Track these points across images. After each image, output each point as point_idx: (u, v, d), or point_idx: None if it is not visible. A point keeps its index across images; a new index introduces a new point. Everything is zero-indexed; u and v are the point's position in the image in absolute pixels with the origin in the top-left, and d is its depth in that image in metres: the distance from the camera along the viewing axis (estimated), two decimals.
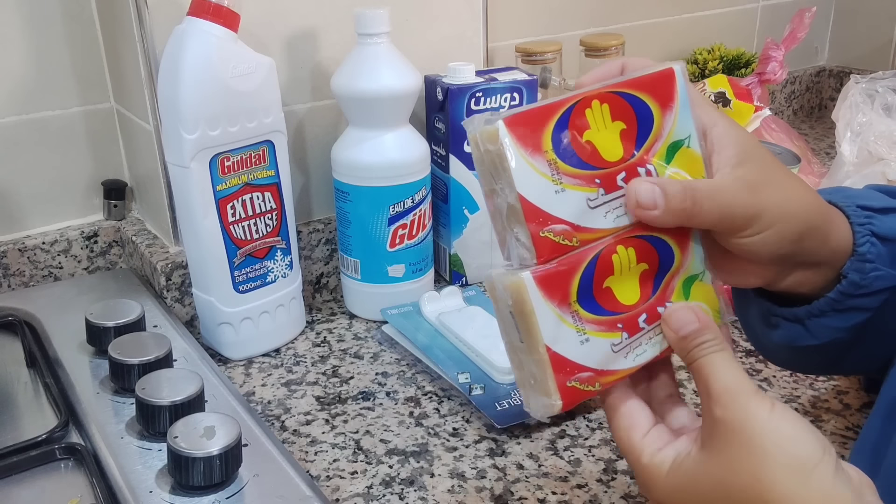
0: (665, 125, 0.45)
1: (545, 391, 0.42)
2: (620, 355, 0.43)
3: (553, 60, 0.97)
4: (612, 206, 0.43)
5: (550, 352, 0.41)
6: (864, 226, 0.49)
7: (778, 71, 1.04)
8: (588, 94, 0.43)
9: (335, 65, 0.78)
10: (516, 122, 0.41)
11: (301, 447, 0.64)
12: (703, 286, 0.46)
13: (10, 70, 0.80)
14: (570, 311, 0.42)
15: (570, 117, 0.42)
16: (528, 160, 0.41)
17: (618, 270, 0.43)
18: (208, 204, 0.70)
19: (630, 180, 0.43)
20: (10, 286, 0.83)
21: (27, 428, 0.63)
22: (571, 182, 0.42)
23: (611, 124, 0.43)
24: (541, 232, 0.41)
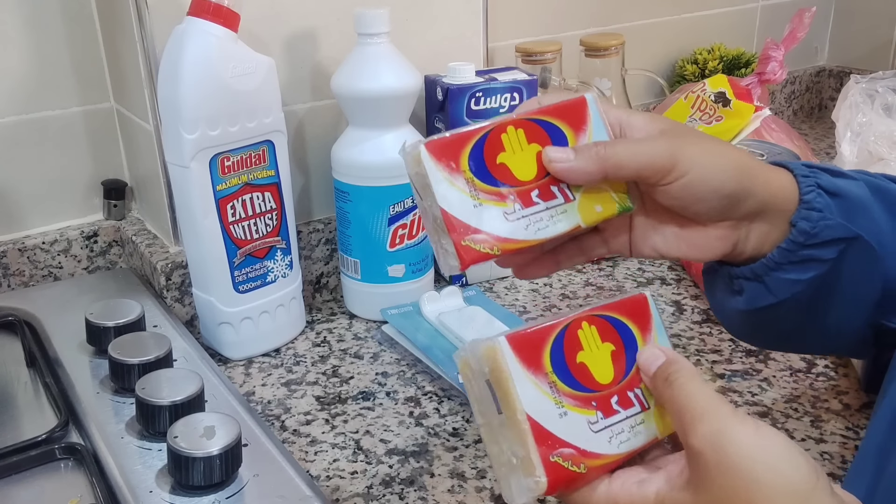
0: (579, 144, 0.48)
1: (528, 468, 0.40)
2: (602, 438, 0.42)
3: (553, 60, 0.97)
4: (531, 220, 0.47)
5: (532, 421, 0.41)
6: (808, 177, 0.51)
7: (778, 71, 1.04)
8: (504, 121, 0.47)
9: (335, 65, 0.78)
10: (436, 146, 0.45)
11: (301, 447, 0.64)
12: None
13: (10, 70, 0.80)
14: (546, 381, 0.42)
15: (485, 141, 0.47)
16: (448, 178, 0.45)
17: (586, 346, 0.44)
18: (208, 204, 0.70)
19: (544, 198, 0.47)
20: (10, 286, 0.83)
21: (27, 428, 0.63)
22: (488, 197, 0.46)
23: (527, 147, 0.48)
24: (462, 241, 0.45)
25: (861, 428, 0.65)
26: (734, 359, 0.74)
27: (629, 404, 0.44)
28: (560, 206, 0.47)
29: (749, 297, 0.52)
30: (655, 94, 1.25)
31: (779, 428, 0.64)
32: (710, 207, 0.48)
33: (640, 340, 0.46)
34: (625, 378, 0.44)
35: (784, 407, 0.67)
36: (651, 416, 0.44)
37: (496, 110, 0.82)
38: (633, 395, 0.44)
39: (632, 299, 0.47)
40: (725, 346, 0.76)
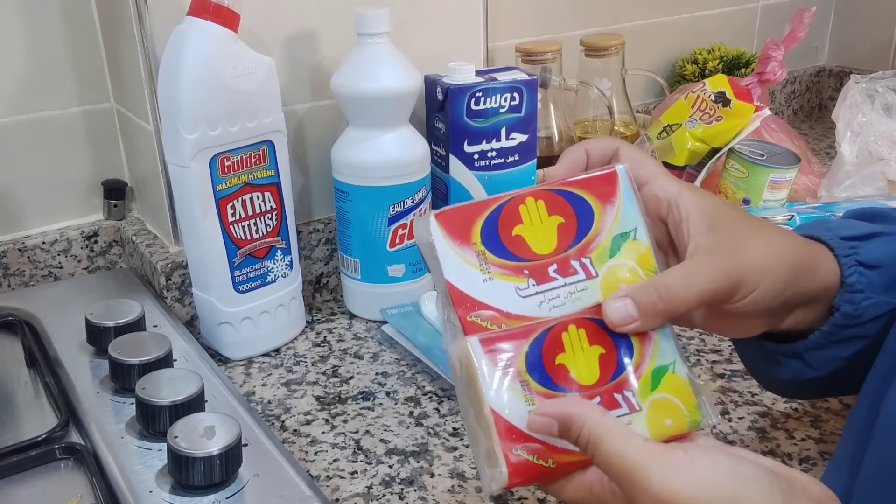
0: (606, 219, 0.46)
1: (493, 459, 0.41)
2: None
3: (553, 60, 0.97)
4: (547, 297, 0.44)
5: (496, 415, 0.41)
6: (849, 256, 0.49)
7: (778, 71, 1.04)
8: (523, 193, 0.45)
9: (335, 65, 0.78)
10: (447, 216, 0.44)
11: (301, 447, 0.64)
12: (675, 378, 0.45)
13: (10, 70, 0.80)
14: (518, 381, 0.42)
15: (501, 212, 0.45)
16: (457, 250, 0.44)
17: (569, 348, 0.43)
18: (208, 204, 0.70)
19: (562, 273, 0.45)
20: (10, 286, 0.83)
21: (27, 428, 0.63)
22: (500, 272, 0.44)
23: (547, 219, 0.45)
24: (468, 316, 0.43)
25: None
26: (734, 359, 0.74)
27: (615, 405, 0.43)
28: (580, 283, 0.45)
29: (789, 370, 0.52)
30: (655, 94, 1.25)
31: (779, 428, 0.65)
32: (760, 313, 0.47)
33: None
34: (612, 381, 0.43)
35: (784, 407, 0.67)
36: (640, 418, 0.43)
37: (496, 110, 0.82)
38: (620, 397, 0.43)
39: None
40: (725, 346, 0.76)
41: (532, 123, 0.84)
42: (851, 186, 0.94)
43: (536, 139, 0.86)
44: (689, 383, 0.45)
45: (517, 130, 0.84)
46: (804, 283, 0.47)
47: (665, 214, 0.47)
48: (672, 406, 0.44)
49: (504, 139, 0.83)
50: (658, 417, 0.43)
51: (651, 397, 0.44)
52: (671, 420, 0.43)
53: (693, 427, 0.44)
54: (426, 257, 0.45)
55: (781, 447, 0.62)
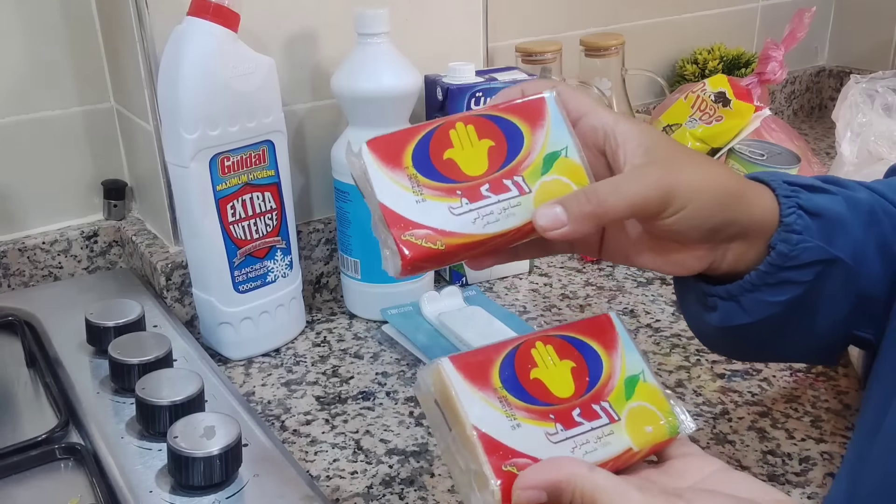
0: (537, 140, 0.47)
1: (483, 480, 0.39)
2: (564, 448, 0.41)
3: (553, 60, 0.97)
4: (481, 213, 0.45)
5: (479, 432, 0.40)
6: (789, 198, 0.49)
7: (778, 71, 1.04)
8: (452, 118, 0.46)
9: (335, 65, 0.78)
10: (379, 143, 0.45)
11: (301, 447, 0.64)
12: (647, 387, 0.45)
13: (10, 70, 0.80)
14: (496, 396, 0.41)
15: (431, 137, 0.46)
16: (388, 174, 0.44)
17: (541, 363, 0.43)
18: (208, 204, 0.70)
19: (495, 191, 0.45)
20: (10, 286, 0.83)
21: (27, 428, 0.63)
22: (432, 193, 0.44)
23: (477, 143, 0.46)
24: (402, 235, 0.43)
25: None
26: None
27: (594, 416, 0.43)
28: (514, 199, 0.45)
29: (723, 315, 0.52)
30: (655, 94, 1.25)
31: (779, 428, 0.65)
32: (694, 236, 0.47)
33: (605, 357, 0.45)
34: (587, 393, 0.43)
35: (784, 407, 0.67)
36: (621, 427, 0.43)
37: None
38: (598, 407, 0.43)
39: (593, 320, 0.46)
40: None
41: None
42: None
43: None
44: (660, 391, 0.45)
45: None
46: (735, 213, 0.47)
47: (602, 143, 0.47)
48: (649, 413, 0.44)
49: None
50: (638, 426, 0.43)
51: (628, 406, 0.44)
52: (651, 427, 0.44)
53: (672, 434, 0.44)
54: (360, 186, 0.45)
55: (781, 447, 0.62)
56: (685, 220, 0.45)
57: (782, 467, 0.60)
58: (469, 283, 0.89)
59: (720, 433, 0.64)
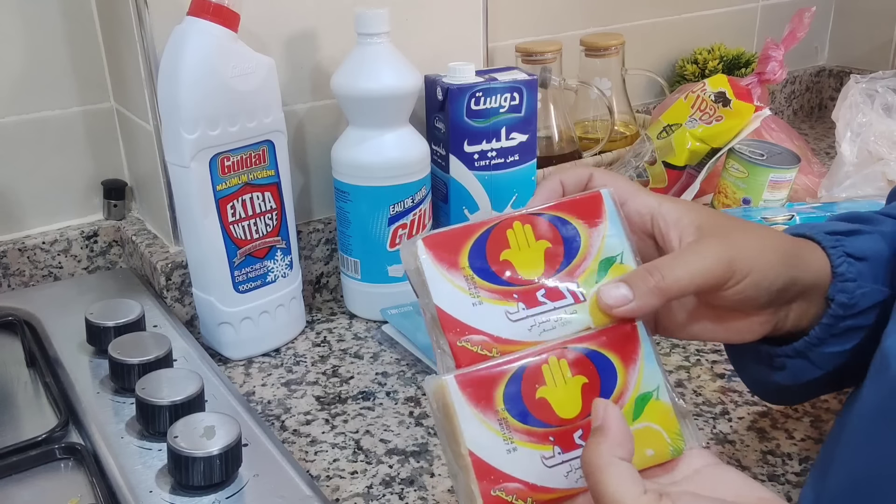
0: (593, 244, 0.46)
1: (471, 498, 0.40)
2: (558, 472, 0.41)
3: (553, 60, 0.97)
4: (537, 321, 0.44)
5: (473, 456, 0.40)
6: (836, 248, 0.50)
7: (778, 71, 1.04)
8: (510, 216, 0.45)
9: (335, 65, 0.78)
10: (435, 241, 0.44)
11: (301, 447, 0.64)
12: (658, 405, 0.44)
13: (9, 70, 0.80)
14: (496, 418, 0.41)
15: (489, 236, 0.45)
16: (445, 275, 0.44)
17: (550, 381, 0.42)
18: (208, 204, 0.70)
19: (551, 298, 0.44)
20: (10, 286, 0.83)
21: (27, 428, 0.63)
22: (489, 296, 0.44)
23: (534, 244, 0.45)
24: (458, 341, 0.43)
25: None
26: None
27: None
28: (569, 307, 0.44)
29: (793, 373, 0.52)
30: (655, 94, 1.25)
31: (779, 428, 0.65)
32: (759, 303, 0.47)
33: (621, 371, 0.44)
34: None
35: (784, 407, 0.67)
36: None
37: (496, 110, 0.82)
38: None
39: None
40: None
41: (532, 123, 0.84)
42: (851, 186, 0.94)
43: (536, 139, 0.86)
44: (673, 409, 0.44)
45: (517, 130, 0.84)
46: (797, 271, 0.47)
47: (650, 227, 0.48)
48: (654, 435, 0.44)
49: (504, 139, 0.83)
50: (640, 448, 0.42)
51: (633, 427, 0.43)
52: (653, 450, 0.43)
53: (675, 455, 0.44)
54: (414, 282, 0.45)
55: (781, 447, 0.62)
56: (750, 287, 0.45)
57: (782, 467, 0.60)
58: None
59: (720, 433, 0.64)
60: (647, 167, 0.94)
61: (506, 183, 0.85)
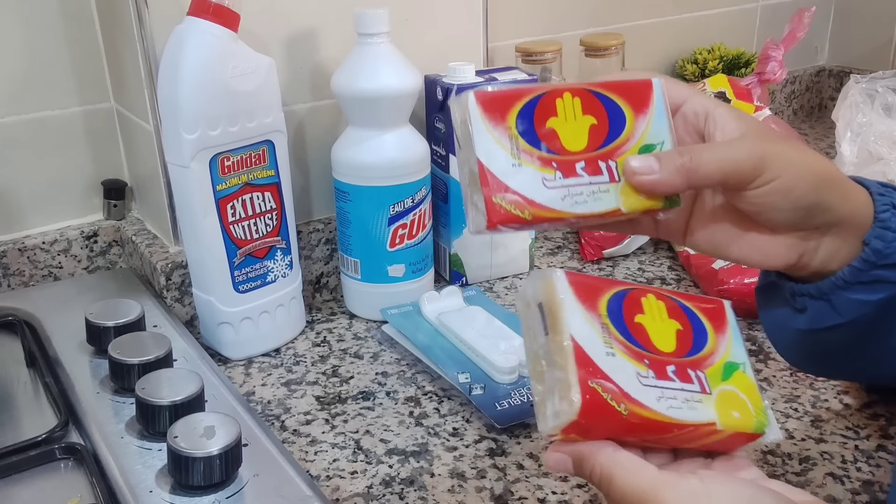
0: (637, 128, 0.47)
1: (566, 389, 0.39)
2: (651, 393, 0.41)
3: (553, 60, 0.97)
4: (571, 192, 0.45)
5: (575, 343, 0.40)
6: (884, 196, 0.49)
7: (778, 71, 1.05)
8: (562, 87, 0.46)
9: (335, 65, 0.78)
10: (486, 96, 0.44)
11: (301, 447, 0.64)
12: (745, 378, 0.44)
13: (9, 70, 0.80)
14: (599, 322, 0.41)
15: (538, 101, 0.45)
16: (491, 130, 0.44)
17: (648, 311, 0.43)
18: (208, 204, 0.70)
19: (589, 171, 0.45)
20: (10, 286, 0.83)
21: (27, 428, 0.63)
22: (528, 159, 0.44)
23: (581, 117, 0.46)
24: (493, 197, 0.43)
25: (861, 428, 0.65)
26: None
27: (687, 379, 0.42)
28: (603, 185, 0.45)
29: (812, 317, 0.50)
30: None
31: (779, 429, 0.64)
32: (786, 217, 0.46)
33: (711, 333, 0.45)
34: (687, 357, 0.43)
35: (784, 407, 0.67)
36: (711, 400, 0.42)
37: None
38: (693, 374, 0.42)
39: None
40: None
41: None
42: None
43: None
44: (757, 388, 0.45)
45: None
46: (832, 197, 0.47)
47: (702, 127, 0.48)
48: (740, 402, 0.43)
49: None
50: (726, 407, 0.42)
51: (721, 387, 0.43)
52: (738, 413, 0.43)
53: (758, 429, 0.43)
54: (459, 135, 0.45)
55: (781, 447, 0.62)
56: (778, 192, 0.45)
57: (782, 467, 0.60)
58: (469, 283, 0.89)
59: None
60: None
61: None
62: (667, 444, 0.43)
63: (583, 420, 0.39)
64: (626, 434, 0.41)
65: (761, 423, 0.43)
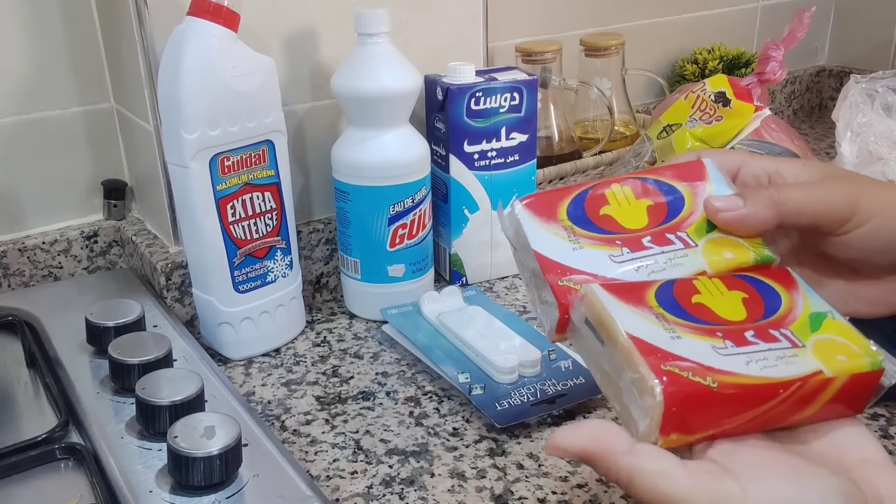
0: (698, 200, 0.44)
1: (641, 385, 0.35)
2: (736, 361, 0.36)
3: (553, 60, 0.97)
4: (644, 262, 0.41)
5: (633, 338, 0.36)
6: None
7: (778, 71, 1.04)
8: (605, 181, 0.44)
9: (335, 65, 0.78)
10: (532, 199, 0.43)
11: (301, 447, 0.64)
12: (837, 324, 0.40)
13: (10, 70, 0.80)
14: (652, 313, 0.38)
15: (587, 195, 0.44)
16: (543, 225, 0.42)
17: (705, 292, 0.40)
18: (208, 204, 0.70)
19: (658, 243, 0.42)
20: (10, 286, 0.83)
21: (27, 428, 0.63)
22: (590, 242, 0.42)
23: (635, 202, 0.44)
24: (559, 281, 0.40)
25: None
26: None
27: (772, 339, 0.38)
28: (680, 251, 0.42)
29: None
30: (655, 94, 1.25)
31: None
32: (883, 261, 0.43)
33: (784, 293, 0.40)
34: (763, 319, 0.39)
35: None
36: (807, 352, 0.38)
37: (496, 110, 0.82)
38: (778, 333, 0.38)
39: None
40: None
41: (532, 123, 0.84)
42: None
43: (536, 139, 0.86)
44: (854, 329, 0.40)
45: (517, 130, 0.84)
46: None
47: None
48: (842, 346, 0.39)
49: (504, 139, 0.83)
50: (828, 353, 0.38)
51: (814, 337, 0.39)
52: (845, 356, 0.38)
53: (875, 367, 0.38)
54: (515, 244, 0.43)
55: None
56: (875, 232, 0.42)
57: None
58: (469, 283, 0.89)
59: None
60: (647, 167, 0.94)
61: (506, 183, 0.85)
62: (783, 420, 0.38)
63: (674, 407, 0.35)
64: (729, 415, 0.36)
65: (876, 360, 0.38)
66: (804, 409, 0.38)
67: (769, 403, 0.37)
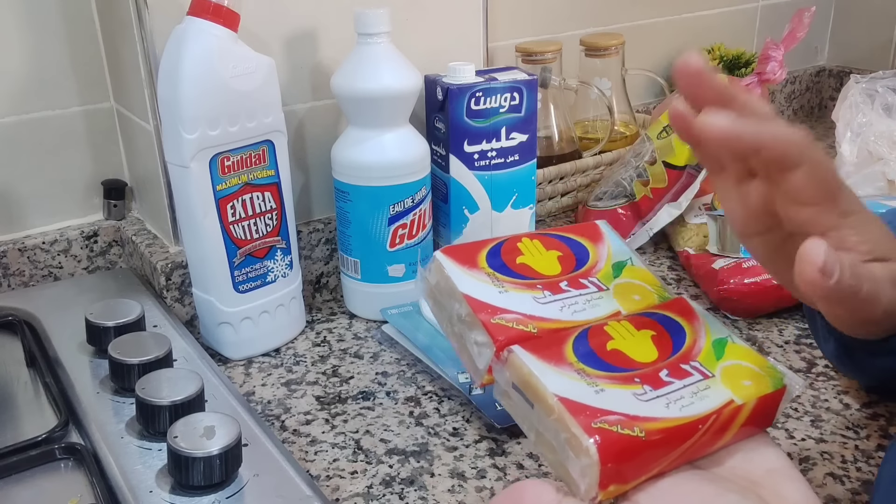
0: (601, 253, 0.49)
1: (576, 444, 0.37)
2: (657, 405, 0.39)
3: (553, 60, 0.97)
4: (566, 303, 0.45)
5: (563, 400, 0.39)
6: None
7: (778, 71, 1.04)
8: (514, 236, 0.48)
9: (335, 65, 0.78)
10: (450, 251, 0.46)
11: (301, 447, 0.64)
12: (737, 347, 0.44)
13: (9, 70, 0.80)
14: (573, 369, 0.41)
15: (501, 246, 0.47)
16: (467, 272, 0.45)
17: (617, 336, 0.43)
18: (208, 204, 0.70)
19: (574, 287, 0.46)
20: (10, 286, 0.83)
21: (27, 428, 0.63)
22: (513, 287, 0.45)
23: (545, 252, 0.48)
24: (492, 319, 0.43)
25: (861, 427, 0.65)
26: None
27: (685, 375, 0.41)
28: (595, 294, 0.45)
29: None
30: (655, 94, 1.25)
31: (779, 428, 0.65)
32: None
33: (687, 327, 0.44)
34: (673, 356, 0.42)
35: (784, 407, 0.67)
36: (717, 382, 0.41)
37: (496, 110, 0.82)
38: (688, 367, 0.42)
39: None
40: None
41: (532, 123, 0.84)
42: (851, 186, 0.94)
43: (536, 139, 0.86)
44: (754, 350, 0.44)
45: (517, 130, 0.84)
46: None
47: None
48: (746, 370, 0.43)
49: (504, 139, 0.83)
50: (735, 380, 0.42)
51: (720, 365, 0.42)
52: (750, 381, 0.42)
53: (776, 385, 0.42)
54: (440, 297, 0.46)
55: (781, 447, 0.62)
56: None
57: None
58: None
59: None
60: (647, 167, 0.94)
61: (506, 183, 0.85)
62: (705, 450, 0.41)
63: (609, 463, 0.37)
64: (658, 458, 0.39)
65: (777, 379, 0.43)
66: (722, 436, 0.41)
67: (691, 440, 0.39)
